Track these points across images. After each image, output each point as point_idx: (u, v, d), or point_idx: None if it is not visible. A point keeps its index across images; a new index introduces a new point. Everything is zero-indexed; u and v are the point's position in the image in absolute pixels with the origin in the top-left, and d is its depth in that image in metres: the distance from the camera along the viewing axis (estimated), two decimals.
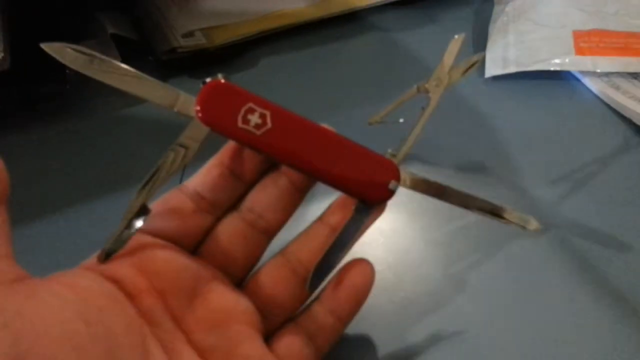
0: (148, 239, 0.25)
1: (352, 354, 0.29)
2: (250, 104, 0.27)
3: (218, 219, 0.27)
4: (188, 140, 0.25)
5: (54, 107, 0.43)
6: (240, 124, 0.26)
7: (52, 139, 0.41)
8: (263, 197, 0.27)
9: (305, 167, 0.26)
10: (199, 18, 0.49)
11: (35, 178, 0.36)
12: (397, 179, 0.27)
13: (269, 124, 0.27)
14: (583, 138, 0.43)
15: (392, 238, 0.35)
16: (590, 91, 0.48)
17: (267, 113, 0.27)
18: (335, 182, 0.27)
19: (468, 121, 0.44)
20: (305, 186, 0.28)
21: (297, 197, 0.27)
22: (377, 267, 0.27)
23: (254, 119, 0.27)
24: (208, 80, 0.26)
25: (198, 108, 0.26)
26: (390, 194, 0.27)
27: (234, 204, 0.27)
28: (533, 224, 0.28)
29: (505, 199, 0.35)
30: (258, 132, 0.26)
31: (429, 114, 0.28)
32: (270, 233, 0.27)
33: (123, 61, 0.25)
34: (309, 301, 0.27)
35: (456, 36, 0.29)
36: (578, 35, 0.50)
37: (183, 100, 0.26)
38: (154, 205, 0.26)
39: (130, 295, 0.22)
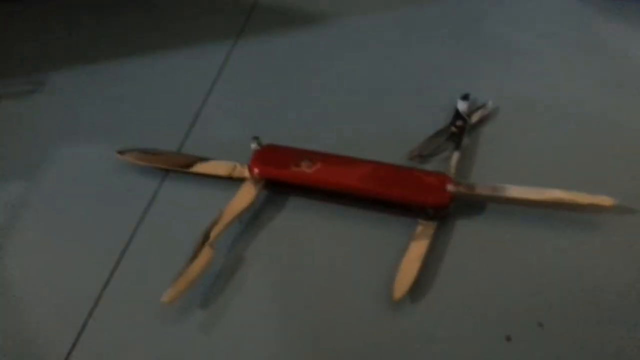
0: None
1: None
2: (299, 154, 0.30)
3: None
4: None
5: None
6: (293, 168, 0.29)
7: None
8: None
9: (362, 192, 0.28)
10: None
11: (71, 30, 0.41)
12: (452, 183, 0.28)
13: (319, 165, 0.29)
14: None
15: None
16: None
17: (318, 157, 0.30)
18: (395, 199, 0.28)
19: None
20: None
21: None
22: None
23: (305, 163, 0.29)
24: (253, 146, 0.30)
25: (255, 170, 0.30)
26: (450, 196, 0.28)
27: None
28: (607, 201, 0.27)
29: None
30: (310, 171, 0.29)
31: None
32: None
33: None
34: None
35: None
36: None
37: (239, 168, 0.30)
38: None
39: None
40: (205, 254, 0.26)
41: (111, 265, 0.28)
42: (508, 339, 0.24)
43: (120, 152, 0.32)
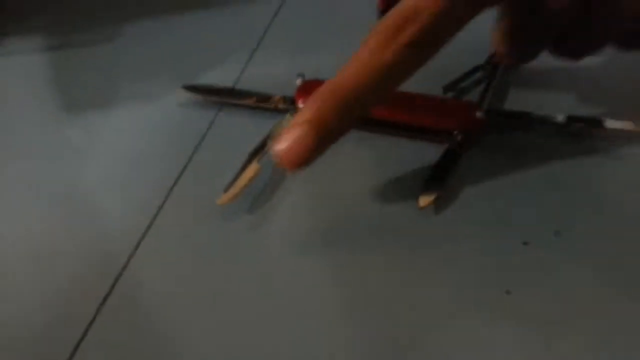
0: None
1: None
2: None
3: None
4: None
5: None
6: None
7: None
8: None
9: (396, 120, 0.31)
10: None
11: None
12: (481, 110, 0.30)
13: None
14: None
15: None
16: None
17: None
18: (422, 125, 0.31)
19: None
20: None
21: None
22: None
23: None
24: (298, 81, 0.34)
25: (299, 99, 0.33)
26: (480, 121, 0.30)
27: None
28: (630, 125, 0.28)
29: None
30: None
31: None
32: None
33: None
34: None
35: None
36: None
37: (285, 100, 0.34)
38: None
39: None
40: (253, 167, 0.30)
41: (171, 182, 0.32)
42: (525, 243, 0.26)
43: (184, 88, 0.36)
